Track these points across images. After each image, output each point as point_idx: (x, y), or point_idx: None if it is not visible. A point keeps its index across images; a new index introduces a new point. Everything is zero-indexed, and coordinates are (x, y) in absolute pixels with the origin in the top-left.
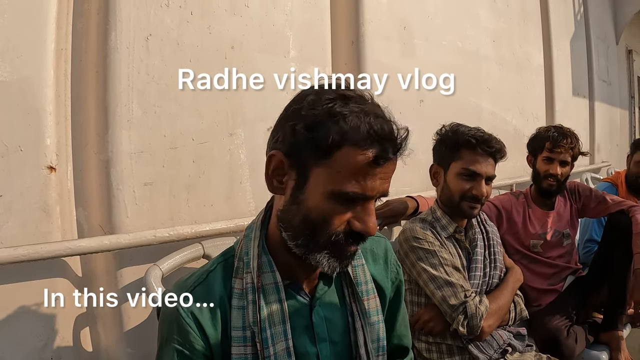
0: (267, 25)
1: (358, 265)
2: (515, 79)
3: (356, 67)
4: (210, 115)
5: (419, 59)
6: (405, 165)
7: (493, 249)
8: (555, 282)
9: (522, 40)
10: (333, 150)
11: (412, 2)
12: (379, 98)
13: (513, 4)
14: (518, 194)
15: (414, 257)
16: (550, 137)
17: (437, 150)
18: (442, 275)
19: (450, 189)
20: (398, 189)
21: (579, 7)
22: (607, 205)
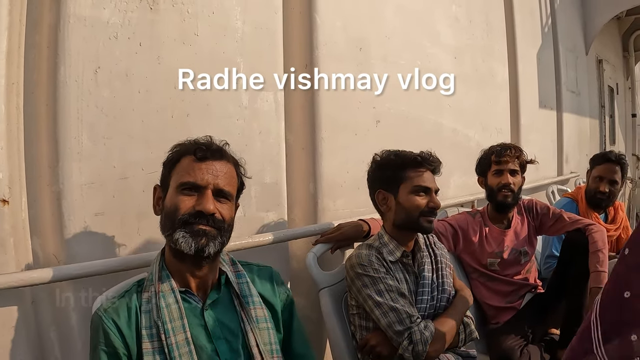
0: (217, 53)
1: (243, 282)
2: (477, 95)
3: (310, 92)
4: (160, 144)
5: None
6: (359, 189)
7: (441, 272)
8: (513, 300)
9: (485, 55)
10: (177, 162)
11: (369, 23)
12: (330, 121)
13: (476, 19)
14: (474, 212)
15: (359, 283)
16: (494, 152)
17: (379, 177)
18: (387, 301)
19: (406, 209)
20: (352, 210)
21: (546, 19)
22: (564, 223)
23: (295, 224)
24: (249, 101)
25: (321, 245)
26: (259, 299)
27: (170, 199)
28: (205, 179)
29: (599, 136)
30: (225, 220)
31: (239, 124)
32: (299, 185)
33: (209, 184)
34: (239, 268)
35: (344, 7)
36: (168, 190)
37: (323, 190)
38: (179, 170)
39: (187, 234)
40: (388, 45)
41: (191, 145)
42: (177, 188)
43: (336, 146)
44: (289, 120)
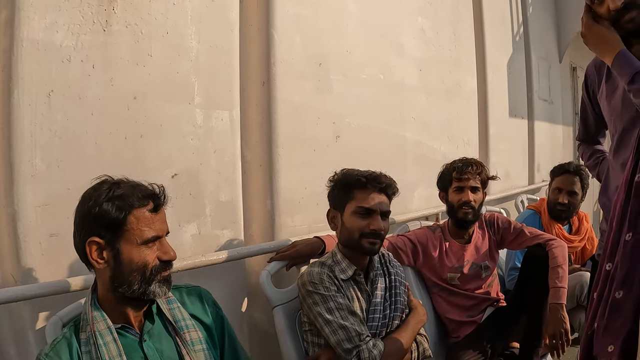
0: (171, 73)
1: (174, 307)
2: (444, 106)
3: (266, 109)
4: (113, 166)
5: (336, 95)
6: (318, 205)
7: (395, 290)
8: (474, 314)
9: (452, 67)
10: (125, 219)
11: (329, 38)
12: (288, 137)
13: (443, 31)
14: (435, 227)
15: (310, 301)
16: (455, 168)
17: (331, 195)
18: (336, 319)
19: (348, 229)
20: (311, 226)
21: (518, 27)
22: (524, 238)
23: (253, 241)
24: (204, 120)
25: (276, 262)
26: (192, 322)
27: (135, 254)
28: (163, 227)
29: (573, 143)
30: None
31: (193, 144)
32: (256, 202)
33: (163, 232)
34: (168, 294)
35: (303, 23)
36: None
37: (280, 207)
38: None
39: (160, 283)
40: (349, 60)
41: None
42: (143, 243)
43: (294, 162)
44: (246, 137)
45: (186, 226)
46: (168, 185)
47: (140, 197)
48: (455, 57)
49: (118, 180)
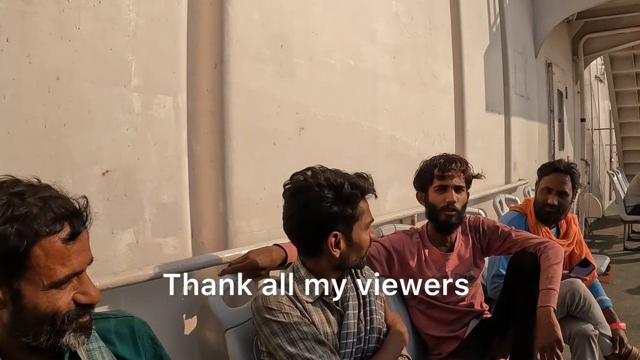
0: (103, 50)
1: (94, 348)
2: (419, 99)
3: (219, 94)
4: (31, 160)
5: (300, 81)
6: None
7: (369, 307)
8: (456, 329)
9: (428, 56)
10: (28, 253)
11: (294, 17)
12: (244, 128)
13: (419, 16)
14: (412, 232)
15: (267, 331)
16: (437, 165)
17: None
18: (301, 352)
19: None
20: (271, 231)
21: (495, 18)
22: (513, 242)
23: (203, 250)
24: (142, 107)
25: (228, 276)
26: None
27: (42, 299)
28: (83, 260)
29: (548, 141)
30: None
31: (129, 134)
32: (206, 205)
33: (84, 265)
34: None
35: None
36: (23, 289)
37: (235, 210)
38: (43, 262)
39: (77, 332)
40: (315, 42)
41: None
42: (53, 286)
43: (251, 158)
44: (194, 128)
45: (120, 233)
46: (98, 184)
47: (52, 219)
48: (431, 46)
49: (23, 188)
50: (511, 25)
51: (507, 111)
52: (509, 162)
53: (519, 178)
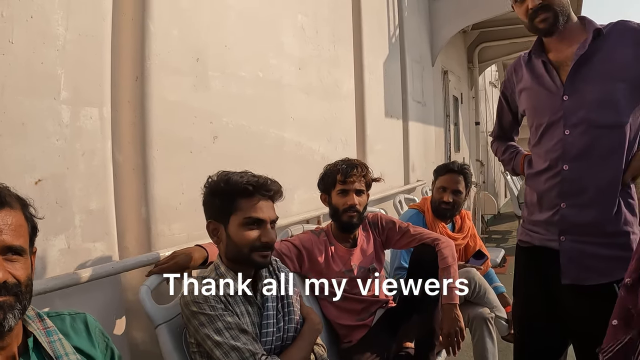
0: (35, 63)
1: (55, 340)
2: (322, 106)
3: (139, 106)
4: None
5: (213, 93)
6: (196, 211)
7: (287, 299)
8: (364, 317)
9: (331, 66)
10: None
11: (208, 32)
12: (163, 138)
13: (323, 29)
14: (319, 231)
15: (196, 322)
16: (340, 170)
17: (210, 204)
18: (227, 340)
19: (236, 243)
20: (190, 234)
21: (394, 30)
22: (411, 238)
23: (129, 253)
24: (71, 118)
25: (155, 276)
26: (76, 356)
27: None
28: None
29: (444, 144)
30: (22, 282)
31: (59, 145)
32: (129, 210)
33: None
34: (48, 324)
35: (182, 15)
36: None
37: (157, 215)
38: None
39: None
40: (228, 55)
41: None
42: None
43: (170, 165)
44: (118, 138)
45: (53, 239)
46: (32, 192)
47: None
48: (334, 57)
49: None
50: (410, 36)
51: (405, 116)
52: (407, 164)
53: (417, 179)
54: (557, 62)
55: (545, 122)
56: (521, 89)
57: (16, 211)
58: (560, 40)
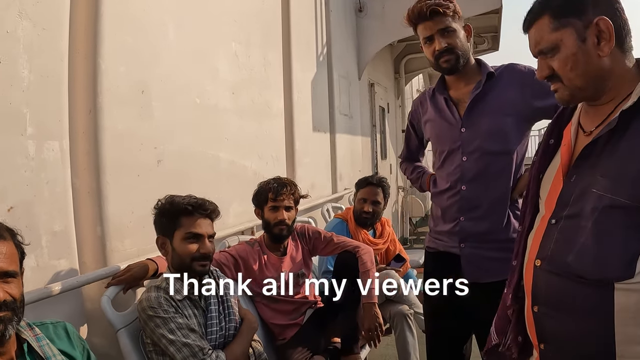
0: (4, 104)
1: (44, 344)
2: (254, 126)
3: (93, 137)
4: None
5: (157, 120)
6: (144, 227)
7: (227, 303)
8: (296, 317)
9: (262, 88)
10: None
11: (151, 66)
12: (114, 164)
13: (255, 54)
14: (253, 242)
15: (152, 324)
16: (271, 189)
17: (159, 222)
18: (179, 338)
19: (180, 254)
20: (140, 248)
21: (322, 48)
22: (334, 246)
23: (87, 268)
24: (36, 151)
25: (113, 287)
26: (61, 357)
27: None
28: None
29: (371, 153)
30: (17, 299)
31: (27, 176)
32: (87, 230)
33: None
34: (37, 331)
35: (128, 51)
36: None
37: (110, 233)
38: None
39: None
40: (169, 86)
41: None
42: None
43: (121, 188)
44: (75, 166)
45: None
46: (5, 219)
47: None
48: (264, 80)
49: None
50: (337, 53)
51: (332, 129)
52: (334, 174)
53: (344, 187)
54: (456, 98)
55: (446, 150)
56: (426, 120)
57: (8, 241)
58: (460, 79)
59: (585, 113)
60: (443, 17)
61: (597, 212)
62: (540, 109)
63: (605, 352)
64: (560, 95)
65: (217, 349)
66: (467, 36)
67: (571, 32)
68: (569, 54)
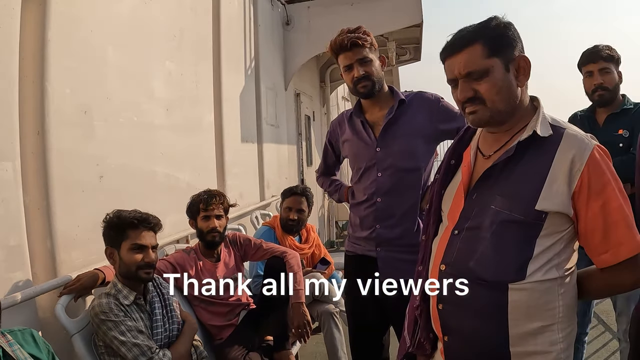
0: None
1: (16, 349)
2: (186, 141)
3: (41, 157)
4: None
5: (99, 139)
6: (89, 239)
7: (169, 307)
8: (231, 318)
9: (194, 104)
10: None
11: (93, 87)
12: (60, 181)
13: (187, 72)
14: (189, 250)
15: (104, 328)
16: (202, 200)
17: (107, 234)
18: (129, 339)
19: (126, 263)
20: (86, 259)
21: (250, 62)
22: (264, 252)
23: (39, 279)
24: None
25: (65, 296)
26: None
27: None
28: None
29: (297, 160)
30: None
31: None
32: (38, 244)
33: None
34: (8, 338)
35: (72, 75)
36: None
37: (59, 246)
38: None
39: None
40: (109, 106)
41: None
42: None
43: (67, 204)
44: (26, 185)
45: None
46: None
47: None
48: (196, 96)
49: None
50: (265, 66)
51: (259, 140)
52: (262, 182)
53: (272, 195)
54: (372, 121)
55: (363, 167)
56: (344, 140)
57: None
58: (375, 104)
59: (484, 139)
60: (361, 48)
61: (495, 225)
62: (445, 131)
63: (500, 341)
64: (479, 116)
65: (163, 348)
66: (381, 65)
67: (499, 62)
68: (497, 79)
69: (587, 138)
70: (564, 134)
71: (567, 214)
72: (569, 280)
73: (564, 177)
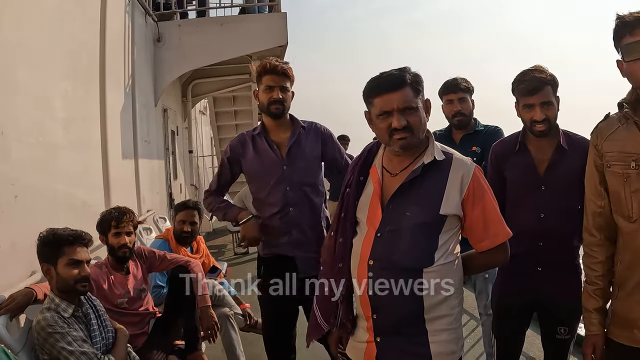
0: None
1: None
2: (80, 158)
3: None
4: None
5: (13, 160)
6: (8, 259)
7: (102, 317)
8: (142, 327)
9: (85, 122)
10: None
11: (6, 109)
12: None
13: (78, 89)
14: (101, 264)
15: (52, 340)
16: (114, 217)
17: (42, 252)
18: (77, 348)
19: (64, 278)
20: (8, 278)
21: (128, 80)
22: (169, 262)
23: None
24: None
25: (3, 316)
26: None
27: None
28: None
29: (165, 174)
30: None
31: None
32: None
33: None
34: None
35: None
36: None
37: None
38: None
39: None
40: (20, 127)
41: None
42: None
43: None
44: None
45: None
46: None
47: None
48: (86, 114)
49: None
50: (140, 83)
51: (135, 155)
52: (139, 197)
53: (147, 210)
54: (277, 142)
55: (272, 182)
56: (249, 158)
57: None
58: (279, 127)
59: (389, 160)
60: (287, 78)
61: (410, 227)
62: (328, 155)
63: (417, 315)
64: (408, 141)
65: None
66: (291, 97)
67: (420, 102)
68: (421, 115)
69: (469, 161)
70: (452, 158)
71: (458, 215)
72: (457, 261)
73: (456, 190)
